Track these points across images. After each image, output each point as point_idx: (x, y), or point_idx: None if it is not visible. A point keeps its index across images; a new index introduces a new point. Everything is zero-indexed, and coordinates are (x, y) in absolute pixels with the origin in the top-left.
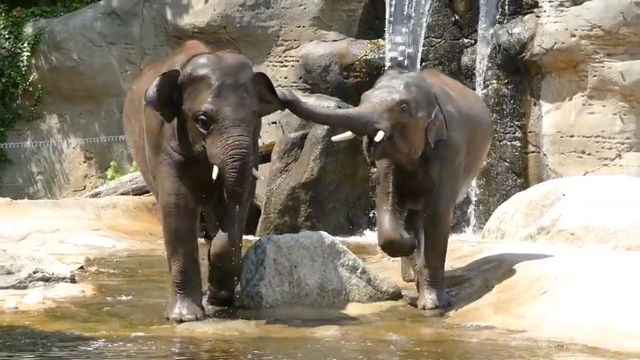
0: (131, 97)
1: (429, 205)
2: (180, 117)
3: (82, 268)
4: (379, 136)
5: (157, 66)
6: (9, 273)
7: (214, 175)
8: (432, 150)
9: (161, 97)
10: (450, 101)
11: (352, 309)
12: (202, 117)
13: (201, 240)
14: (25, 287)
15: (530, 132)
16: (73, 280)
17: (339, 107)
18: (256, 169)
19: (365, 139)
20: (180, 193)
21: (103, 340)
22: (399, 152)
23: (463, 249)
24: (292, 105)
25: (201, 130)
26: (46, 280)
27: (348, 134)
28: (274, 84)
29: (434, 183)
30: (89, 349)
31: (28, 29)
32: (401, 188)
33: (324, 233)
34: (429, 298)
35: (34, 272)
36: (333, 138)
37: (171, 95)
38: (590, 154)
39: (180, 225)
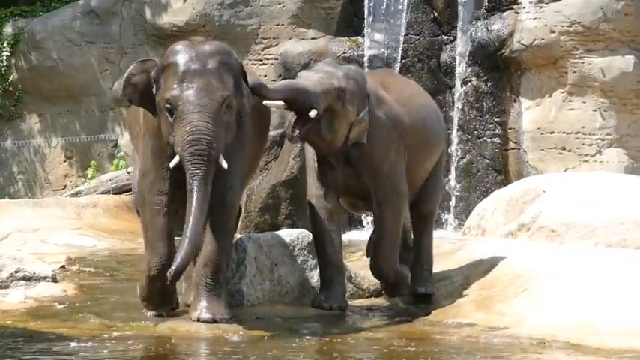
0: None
1: (376, 213)
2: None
3: (63, 267)
4: (312, 114)
5: None
6: None
7: (172, 164)
8: (354, 151)
9: (137, 91)
10: (382, 106)
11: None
12: (167, 104)
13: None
14: (6, 287)
15: (510, 129)
16: (54, 280)
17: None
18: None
19: (291, 117)
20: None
21: (85, 338)
22: (321, 139)
23: (444, 246)
24: (255, 89)
25: (169, 119)
26: (27, 279)
27: (279, 103)
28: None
29: (364, 187)
30: (70, 347)
31: (8, 29)
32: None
33: (304, 231)
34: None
35: (16, 272)
36: (264, 102)
37: (149, 87)
38: (570, 151)
39: (159, 221)
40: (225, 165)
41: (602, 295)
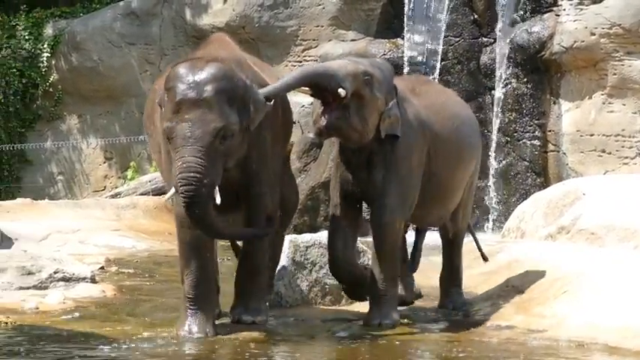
0: (152, 98)
1: (374, 216)
2: None
3: (102, 268)
4: (342, 92)
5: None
6: (30, 273)
7: (166, 197)
8: (379, 150)
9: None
10: (408, 109)
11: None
12: (165, 135)
13: None
14: (45, 288)
15: (549, 131)
16: (93, 281)
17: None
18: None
19: (318, 107)
20: None
21: (123, 340)
22: (351, 128)
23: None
24: (271, 93)
25: (170, 148)
26: (66, 280)
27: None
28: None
29: (378, 190)
30: (109, 348)
31: (48, 30)
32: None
33: None
34: (375, 314)
35: (55, 272)
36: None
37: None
38: (610, 153)
39: (194, 237)
40: (218, 200)
41: None
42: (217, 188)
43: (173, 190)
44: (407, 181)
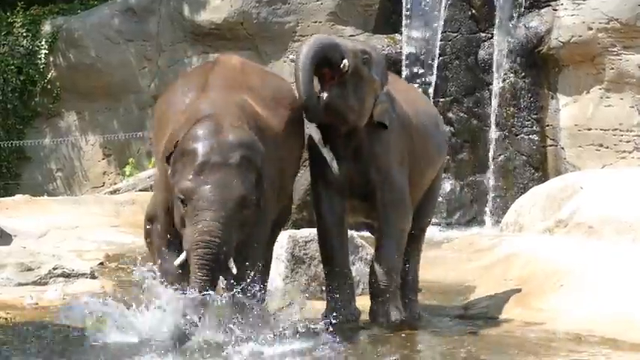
0: (157, 117)
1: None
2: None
3: (101, 264)
4: (345, 64)
5: (184, 83)
6: (29, 269)
7: (177, 262)
8: (367, 141)
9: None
10: (394, 105)
11: (369, 301)
12: (180, 195)
13: None
14: (45, 283)
15: (547, 125)
16: (92, 276)
17: None
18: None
19: (317, 87)
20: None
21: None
22: (348, 108)
23: (481, 242)
24: (300, 92)
25: (182, 209)
26: (66, 276)
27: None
28: (292, 80)
29: (374, 185)
30: (106, 344)
31: (46, 27)
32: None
33: None
34: (379, 312)
35: (54, 269)
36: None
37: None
38: (607, 147)
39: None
40: (234, 271)
41: None
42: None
43: (183, 255)
44: (402, 178)
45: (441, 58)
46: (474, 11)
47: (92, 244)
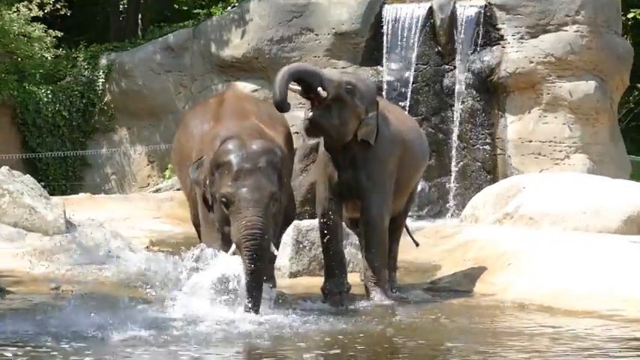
0: (179, 148)
1: (363, 213)
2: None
3: (147, 247)
4: (322, 92)
5: (200, 120)
6: (90, 252)
7: (230, 252)
8: (360, 153)
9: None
10: (387, 124)
11: (357, 277)
12: (223, 199)
13: None
14: (102, 263)
15: (497, 138)
16: None
17: None
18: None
19: (307, 108)
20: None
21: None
22: (331, 127)
23: (445, 231)
24: (275, 91)
25: (225, 211)
26: (119, 257)
27: (296, 87)
28: (296, 102)
29: (363, 188)
30: (151, 310)
31: (103, 61)
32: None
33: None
34: (375, 297)
35: (110, 252)
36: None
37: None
38: (545, 156)
39: None
40: (276, 253)
41: (570, 269)
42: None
43: (234, 247)
44: (388, 185)
45: (413, 85)
46: (439, 48)
47: (139, 232)
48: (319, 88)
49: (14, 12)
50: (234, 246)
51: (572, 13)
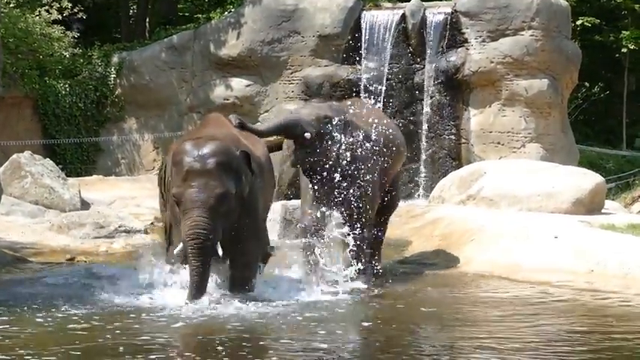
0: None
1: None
2: None
3: (152, 223)
4: (307, 135)
5: (184, 137)
6: (101, 227)
7: (176, 251)
8: (344, 169)
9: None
10: (360, 134)
11: None
12: (174, 198)
13: None
14: (113, 237)
15: (462, 129)
16: (146, 232)
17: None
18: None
19: (292, 145)
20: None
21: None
22: (313, 162)
23: (416, 210)
24: (251, 130)
25: (177, 209)
26: (127, 232)
27: (280, 139)
28: (284, 97)
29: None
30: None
31: (115, 59)
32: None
33: None
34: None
35: (119, 226)
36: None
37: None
38: (503, 145)
39: None
40: (220, 253)
41: (526, 245)
42: (219, 244)
43: (181, 245)
44: (374, 193)
45: (387, 82)
46: (411, 49)
47: (146, 209)
48: (305, 134)
49: (36, 15)
50: (181, 245)
51: (527, 19)
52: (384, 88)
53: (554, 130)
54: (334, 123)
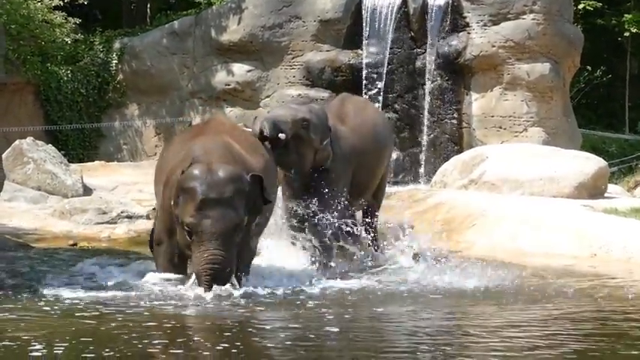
0: (160, 166)
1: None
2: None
3: (154, 209)
4: (282, 136)
5: (182, 139)
6: (104, 213)
7: (189, 284)
8: (315, 178)
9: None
10: (338, 141)
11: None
12: (186, 228)
13: None
14: (115, 222)
15: (463, 113)
16: (148, 218)
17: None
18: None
19: (268, 145)
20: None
21: None
22: (291, 162)
23: (417, 195)
24: None
25: (187, 237)
26: (129, 217)
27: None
28: (285, 82)
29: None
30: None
31: (116, 44)
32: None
33: None
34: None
35: (122, 212)
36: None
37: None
38: (505, 129)
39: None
40: (237, 287)
41: (528, 229)
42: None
43: (194, 277)
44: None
45: (389, 66)
46: (412, 34)
47: (148, 195)
48: (280, 135)
49: (38, 2)
50: (193, 277)
51: (529, 3)
52: (385, 72)
53: (557, 114)
54: (312, 127)
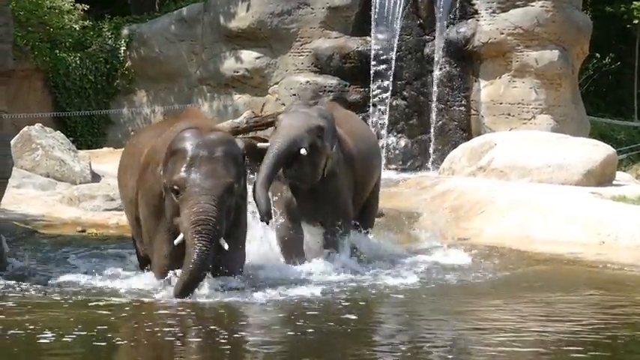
0: (130, 152)
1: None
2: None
3: None
4: (303, 152)
5: (157, 127)
6: (112, 199)
7: (176, 242)
8: (322, 185)
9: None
10: (341, 145)
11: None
12: (175, 186)
13: None
14: (123, 209)
15: (472, 100)
16: None
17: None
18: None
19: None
20: (175, 257)
21: None
22: (306, 176)
23: (426, 182)
24: (260, 183)
25: (175, 200)
26: None
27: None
28: (294, 69)
29: (326, 212)
30: None
31: (125, 31)
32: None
33: None
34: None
35: None
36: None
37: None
38: (513, 116)
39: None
40: (226, 247)
41: (536, 217)
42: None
43: (181, 236)
44: (346, 206)
45: (398, 53)
46: (421, 21)
47: None
48: (301, 151)
49: None
50: (181, 236)
51: None
52: (394, 59)
53: (565, 101)
54: (325, 134)
